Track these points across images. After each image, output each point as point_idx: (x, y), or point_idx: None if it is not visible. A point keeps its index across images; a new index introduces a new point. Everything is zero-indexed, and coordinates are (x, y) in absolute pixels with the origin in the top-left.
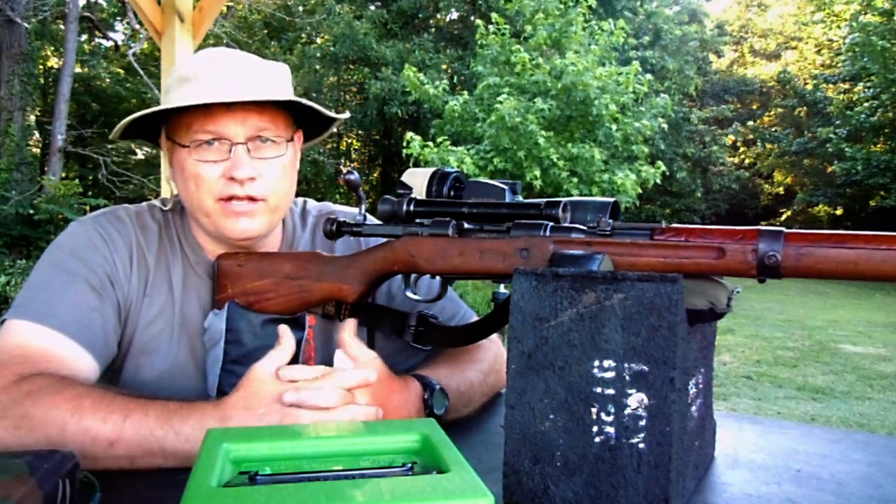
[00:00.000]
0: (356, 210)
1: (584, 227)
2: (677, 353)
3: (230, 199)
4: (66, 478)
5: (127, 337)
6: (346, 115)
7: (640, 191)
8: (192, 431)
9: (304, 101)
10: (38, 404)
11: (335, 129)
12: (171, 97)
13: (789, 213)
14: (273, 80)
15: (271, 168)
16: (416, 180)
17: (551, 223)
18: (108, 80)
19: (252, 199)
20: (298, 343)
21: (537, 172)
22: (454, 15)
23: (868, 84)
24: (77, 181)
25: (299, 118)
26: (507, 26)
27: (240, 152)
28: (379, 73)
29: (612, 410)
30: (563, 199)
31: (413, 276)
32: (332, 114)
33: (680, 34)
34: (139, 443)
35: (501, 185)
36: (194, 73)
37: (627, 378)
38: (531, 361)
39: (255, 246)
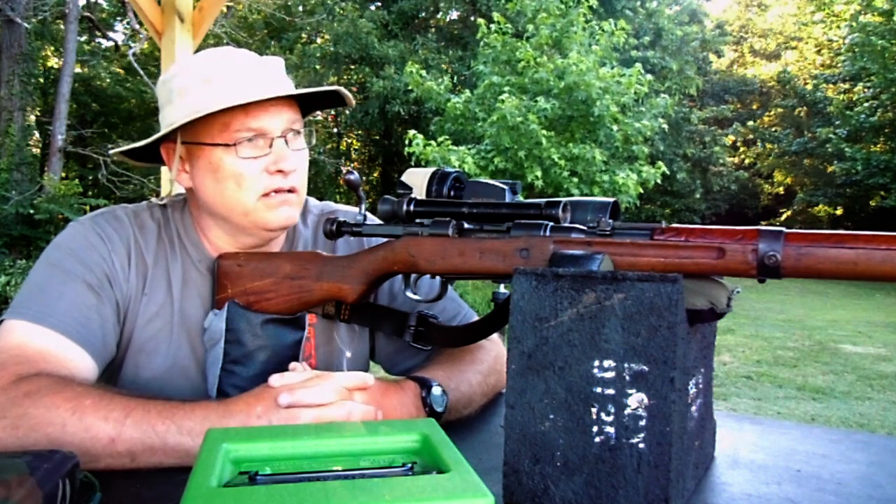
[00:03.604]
0: (357, 210)
1: (584, 227)
2: (677, 353)
3: (272, 192)
4: (66, 478)
5: (126, 335)
6: (353, 103)
7: (640, 191)
8: (194, 425)
9: (342, 90)
10: (38, 404)
11: (335, 129)
12: (196, 99)
13: (789, 213)
14: (283, 73)
15: (302, 159)
16: (416, 180)
17: (551, 223)
18: (108, 80)
19: (292, 190)
20: (298, 342)
21: (538, 172)
22: (454, 15)
23: (868, 84)
24: (77, 181)
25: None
26: (509, 25)
27: (281, 145)
28: (381, 73)
29: (612, 410)
30: (563, 199)
31: (413, 276)
32: (352, 99)
33: (681, 34)
34: (140, 438)
35: (501, 185)
36: (216, 73)
37: (627, 378)
38: (531, 361)
39: (271, 242)
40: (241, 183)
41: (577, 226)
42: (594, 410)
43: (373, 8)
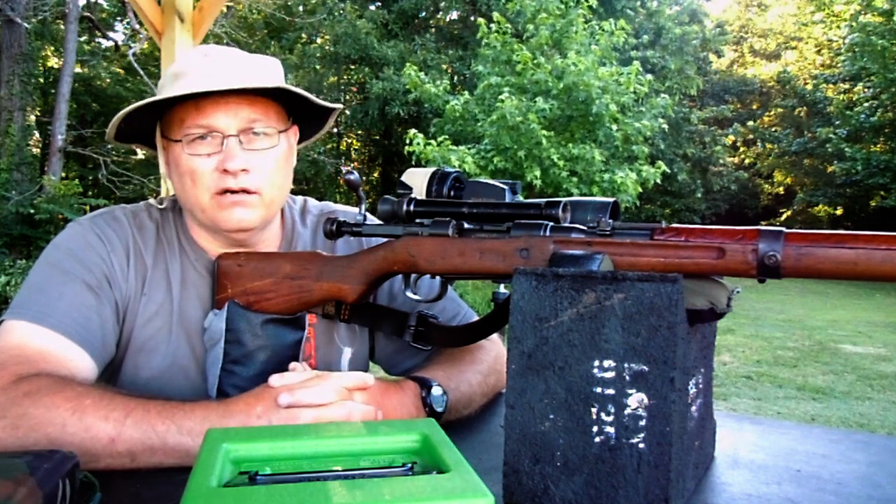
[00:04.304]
0: (357, 210)
1: (584, 227)
2: (677, 353)
3: (224, 192)
4: (66, 478)
5: (125, 335)
6: (340, 105)
7: (640, 190)
8: (194, 425)
9: (290, 87)
10: (38, 404)
11: (335, 129)
12: (163, 93)
13: (789, 213)
14: (263, 71)
15: (264, 160)
16: (416, 180)
17: (551, 223)
18: (108, 80)
19: (246, 191)
20: (298, 342)
21: (537, 172)
22: (454, 15)
23: (868, 84)
24: (77, 181)
25: (295, 112)
26: (509, 26)
27: (231, 144)
28: (381, 73)
29: (612, 410)
30: (563, 199)
31: (413, 276)
32: (322, 102)
33: (681, 34)
34: (140, 438)
35: (501, 185)
36: (185, 68)
37: (627, 378)
38: (531, 361)
39: (254, 242)
40: (195, 180)
41: (577, 226)
42: (594, 410)
43: (373, 8)
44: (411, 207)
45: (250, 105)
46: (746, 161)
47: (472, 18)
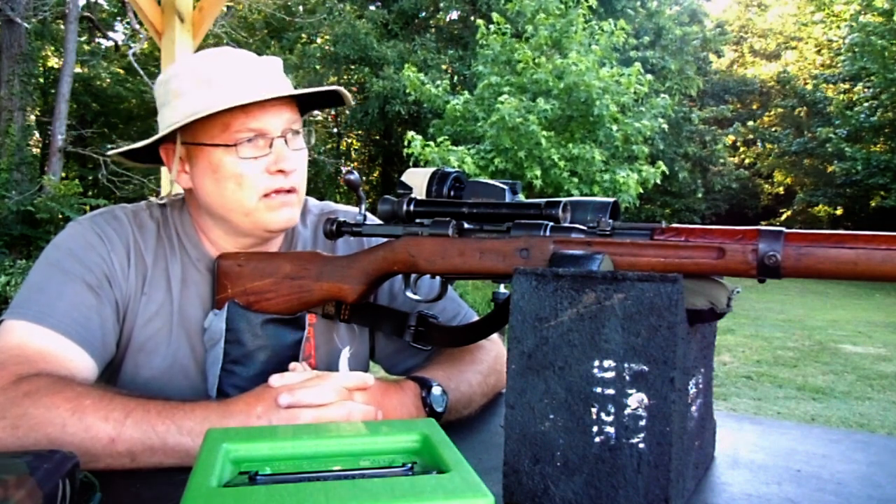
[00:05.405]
0: (357, 210)
1: (584, 227)
2: (677, 353)
3: (272, 193)
4: (66, 478)
5: (125, 335)
6: (352, 102)
7: (640, 191)
8: (194, 425)
9: (342, 89)
10: (38, 404)
11: (335, 129)
12: (196, 99)
13: (789, 213)
14: (282, 73)
15: (302, 159)
16: (416, 180)
17: (551, 223)
18: (108, 80)
19: (290, 189)
20: (298, 342)
21: (538, 172)
22: (454, 15)
23: (868, 84)
24: (77, 181)
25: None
26: (508, 26)
27: (281, 145)
28: (380, 73)
29: (612, 410)
30: (563, 199)
31: (413, 276)
32: (351, 100)
33: (681, 34)
34: (140, 438)
35: (501, 185)
36: (216, 74)
37: (627, 378)
38: (531, 361)
39: (266, 242)
40: (242, 183)
41: (577, 226)
42: (594, 410)
43: (373, 8)
44: (411, 207)
45: (290, 108)
46: (746, 161)
47: (472, 18)
